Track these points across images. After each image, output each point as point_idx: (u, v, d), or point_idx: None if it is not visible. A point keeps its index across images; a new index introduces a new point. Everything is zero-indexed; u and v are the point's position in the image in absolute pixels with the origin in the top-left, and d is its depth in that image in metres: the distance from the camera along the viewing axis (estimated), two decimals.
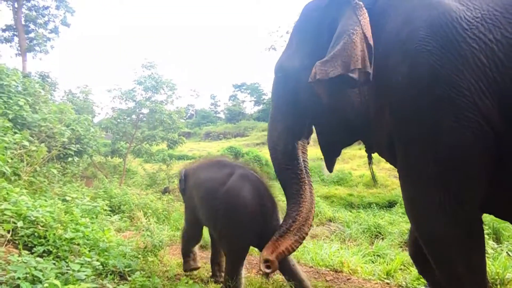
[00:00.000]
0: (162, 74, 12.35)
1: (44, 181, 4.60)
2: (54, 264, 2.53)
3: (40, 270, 2.07)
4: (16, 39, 17.59)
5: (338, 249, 3.92)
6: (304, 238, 2.39)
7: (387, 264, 3.68)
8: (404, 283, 2.97)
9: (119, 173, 12.53)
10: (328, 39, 2.02)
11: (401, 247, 6.99)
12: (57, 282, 1.80)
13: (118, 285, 2.57)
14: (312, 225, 8.30)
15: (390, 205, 11.89)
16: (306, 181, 2.44)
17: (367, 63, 1.87)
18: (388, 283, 3.03)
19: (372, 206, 11.39)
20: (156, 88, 12.02)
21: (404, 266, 3.61)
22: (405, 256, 4.60)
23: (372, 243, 6.91)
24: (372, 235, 7.76)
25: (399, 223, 8.61)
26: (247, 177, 2.53)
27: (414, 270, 3.23)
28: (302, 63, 2.23)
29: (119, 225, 5.94)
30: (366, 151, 2.43)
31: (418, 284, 2.89)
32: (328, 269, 3.32)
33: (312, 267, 3.40)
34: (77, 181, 9.66)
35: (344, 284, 2.89)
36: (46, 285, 1.81)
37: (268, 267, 2.24)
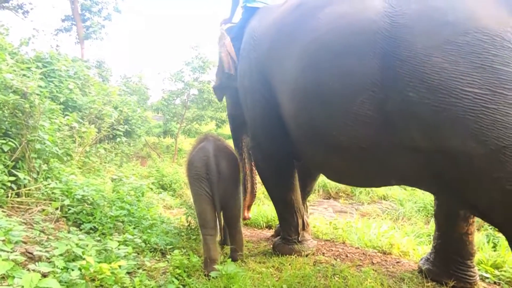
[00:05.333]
0: (208, 55, 12.40)
1: (97, 161, 4.80)
2: (100, 240, 2.64)
3: (81, 247, 2.13)
4: (74, 28, 18.56)
5: (388, 229, 3.67)
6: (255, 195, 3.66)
7: None
8: None
9: (172, 153, 12.97)
10: None
11: None
12: (90, 259, 1.82)
13: (158, 262, 2.61)
14: (363, 203, 8.02)
15: None
16: (246, 161, 3.57)
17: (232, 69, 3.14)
18: None
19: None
20: (203, 68, 12.09)
21: None
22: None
23: (428, 223, 6.52)
24: (428, 214, 7.27)
25: None
26: (203, 147, 2.79)
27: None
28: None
29: (169, 203, 6.15)
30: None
31: (479, 269, 2.61)
32: (375, 251, 3.12)
33: (358, 248, 3.21)
34: (132, 160, 10.22)
35: (392, 267, 2.69)
36: (81, 262, 1.84)
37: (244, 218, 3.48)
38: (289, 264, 2.71)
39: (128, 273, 2.24)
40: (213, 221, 2.75)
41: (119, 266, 1.98)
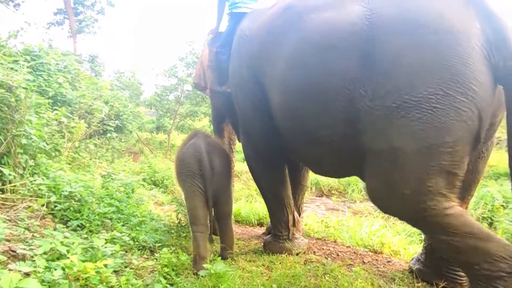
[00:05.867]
0: None
1: (86, 157, 4.72)
2: (87, 238, 2.59)
3: (66, 245, 2.08)
4: (66, 22, 18.30)
5: (380, 228, 3.66)
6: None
7: None
8: None
9: (164, 149, 12.89)
10: None
11: None
12: (74, 258, 1.77)
13: (147, 260, 2.57)
14: (355, 200, 8.02)
15: None
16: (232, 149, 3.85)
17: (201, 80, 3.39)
18: None
19: None
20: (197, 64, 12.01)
21: None
22: None
23: None
24: None
25: None
26: (195, 143, 2.78)
27: None
28: None
29: (161, 199, 6.09)
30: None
31: None
32: (367, 250, 3.10)
33: (349, 247, 3.19)
34: (124, 156, 10.12)
35: (383, 266, 2.68)
36: (65, 261, 1.79)
37: None
38: (280, 263, 2.68)
39: (115, 271, 2.19)
40: (204, 218, 2.72)
41: (105, 265, 1.94)
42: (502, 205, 5.70)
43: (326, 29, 2.11)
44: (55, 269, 1.77)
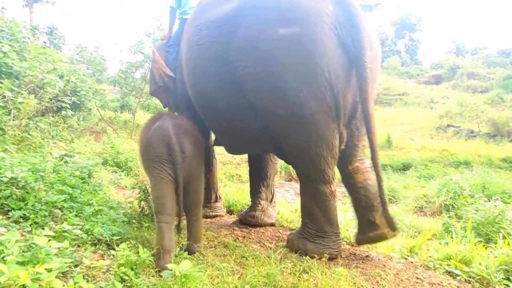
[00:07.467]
0: None
1: (37, 136, 4.23)
2: (31, 231, 2.23)
3: (0, 244, 1.73)
4: None
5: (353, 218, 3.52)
6: None
7: (410, 237, 3.30)
8: (431, 263, 2.58)
9: (129, 129, 12.26)
10: None
11: (415, 212, 6.64)
12: (2, 266, 1.44)
13: (102, 257, 2.25)
14: None
15: (405, 168, 11.45)
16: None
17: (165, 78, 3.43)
18: (412, 262, 2.64)
19: (386, 168, 10.93)
20: None
21: (428, 240, 3.23)
22: (429, 228, 4.23)
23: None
24: (392, 197, 7.36)
25: (413, 187, 8.20)
26: (161, 126, 2.58)
27: (440, 247, 2.85)
28: None
29: (124, 182, 5.67)
30: None
31: (448, 265, 2.50)
32: (344, 242, 2.94)
33: None
34: (84, 136, 9.46)
35: (362, 262, 2.52)
36: None
37: None
38: (252, 259, 2.45)
39: (62, 273, 1.88)
40: (172, 208, 2.46)
41: (48, 269, 1.62)
42: (469, 195, 5.80)
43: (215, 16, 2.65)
44: None
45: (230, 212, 4.14)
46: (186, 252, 2.45)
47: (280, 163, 3.78)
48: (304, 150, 2.41)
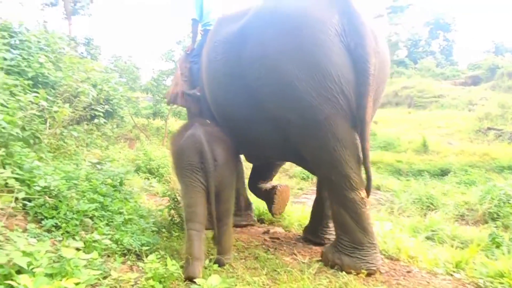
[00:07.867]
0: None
1: (72, 144, 4.32)
2: (62, 241, 2.22)
3: (30, 255, 1.71)
4: (61, 3, 17.69)
5: (393, 229, 3.32)
6: None
7: (454, 249, 3.06)
8: (481, 280, 2.35)
9: (161, 135, 12.46)
10: None
11: (456, 220, 6.26)
12: (26, 279, 1.40)
13: (131, 268, 2.21)
14: None
15: (443, 173, 10.87)
16: None
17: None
18: (459, 279, 2.42)
19: (423, 174, 10.47)
20: None
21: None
22: (475, 239, 3.93)
23: (424, 215, 6.23)
24: (423, 206, 7.03)
25: (453, 194, 7.76)
26: (193, 134, 2.54)
27: (489, 261, 2.61)
28: None
29: (156, 189, 5.71)
30: None
31: (501, 283, 2.27)
32: (382, 256, 2.75)
33: None
34: (119, 142, 9.69)
35: (403, 278, 2.34)
36: (22, 279, 1.42)
37: None
38: (285, 273, 2.33)
39: (91, 285, 1.85)
40: (203, 216, 2.42)
41: (76, 283, 1.58)
42: None
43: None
44: None
45: (260, 220, 4.04)
46: (216, 265, 2.38)
47: None
48: (324, 156, 2.38)
